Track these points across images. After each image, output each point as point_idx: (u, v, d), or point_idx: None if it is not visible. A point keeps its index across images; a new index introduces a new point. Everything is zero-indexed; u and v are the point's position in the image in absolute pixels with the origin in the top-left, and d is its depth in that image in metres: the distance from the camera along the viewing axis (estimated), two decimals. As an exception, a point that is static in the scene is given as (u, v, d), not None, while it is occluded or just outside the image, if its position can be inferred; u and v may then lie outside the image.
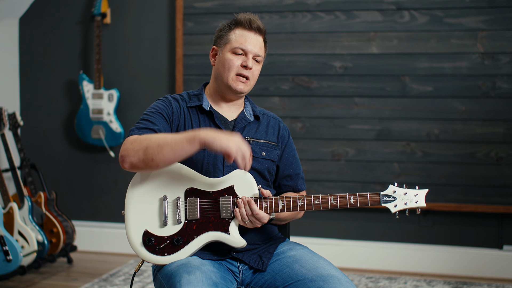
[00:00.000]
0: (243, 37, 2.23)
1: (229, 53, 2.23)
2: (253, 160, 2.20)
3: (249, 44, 2.22)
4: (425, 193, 2.10)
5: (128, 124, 4.39)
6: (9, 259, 3.56)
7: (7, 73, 4.55)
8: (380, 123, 4.04)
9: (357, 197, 2.08)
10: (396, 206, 2.09)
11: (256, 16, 2.28)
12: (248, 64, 2.21)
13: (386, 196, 2.09)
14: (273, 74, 4.16)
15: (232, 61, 2.22)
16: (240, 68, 2.22)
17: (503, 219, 3.96)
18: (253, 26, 2.23)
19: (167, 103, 2.24)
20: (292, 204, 2.10)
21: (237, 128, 2.25)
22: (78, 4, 4.49)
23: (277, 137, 2.33)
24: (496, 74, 3.88)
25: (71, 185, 4.58)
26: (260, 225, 2.11)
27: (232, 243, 2.11)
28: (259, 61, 2.26)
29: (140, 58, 4.42)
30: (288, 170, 2.34)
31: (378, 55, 4.03)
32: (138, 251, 2.16)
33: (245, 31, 2.23)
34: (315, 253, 2.20)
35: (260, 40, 2.25)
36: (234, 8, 4.19)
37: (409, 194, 2.09)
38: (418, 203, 2.10)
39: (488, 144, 3.91)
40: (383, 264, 4.09)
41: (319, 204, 2.09)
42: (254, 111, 2.33)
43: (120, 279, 3.82)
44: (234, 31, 2.25)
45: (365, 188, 4.06)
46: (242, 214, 2.08)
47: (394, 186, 2.10)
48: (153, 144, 2.03)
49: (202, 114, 2.25)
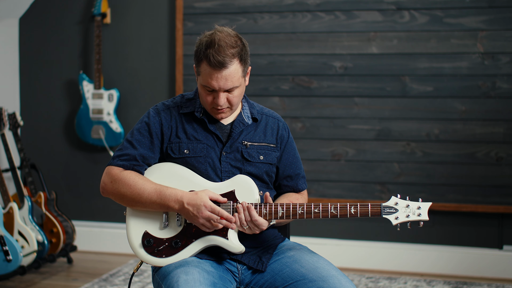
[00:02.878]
0: (208, 75, 2.10)
1: (201, 87, 2.16)
2: (250, 165, 2.20)
3: (215, 82, 2.09)
4: (428, 206, 2.04)
5: (128, 124, 4.39)
6: (9, 259, 3.56)
7: (7, 73, 4.55)
8: (380, 123, 4.04)
9: (357, 207, 2.05)
10: (398, 218, 2.05)
11: (222, 40, 2.08)
12: (218, 102, 2.12)
13: (387, 208, 2.05)
14: (273, 74, 4.16)
15: (205, 97, 2.15)
16: (213, 103, 2.15)
17: (503, 219, 3.96)
18: (216, 65, 2.07)
19: (153, 117, 2.21)
20: (292, 212, 2.08)
21: (234, 133, 2.22)
22: (78, 4, 4.49)
23: (276, 138, 2.29)
24: (496, 74, 3.88)
25: (71, 185, 4.58)
26: (259, 231, 2.09)
27: (230, 248, 2.10)
28: (235, 88, 2.13)
29: (140, 58, 4.42)
30: (288, 171, 2.31)
31: (378, 55, 4.03)
32: (137, 252, 2.16)
33: (209, 68, 2.09)
34: (315, 253, 2.20)
35: (228, 73, 2.09)
36: (234, 8, 4.19)
37: (411, 207, 2.05)
38: (420, 216, 2.05)
39: (488, 144, 3.91)
40: (383, 264, 4.09)
41: (319, 213, 2.07)
42: (252, 112, 2.28)
43: (120, 279, 3.82)
44: (202, 65, 2.11)
45: (365, 188, 4.06)
46: (241, 219, 2.07)
47: (396, 197, 2.06)
48: (128, 197, 2.13)
49: (196, 121, 2.23)
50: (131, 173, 2.16)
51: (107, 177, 2.19)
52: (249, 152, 2.21)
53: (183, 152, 2.19)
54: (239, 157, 2.20)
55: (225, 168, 2.19)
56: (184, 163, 2.19)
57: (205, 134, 2.21)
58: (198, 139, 2.20)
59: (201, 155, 2.18)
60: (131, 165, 2.17)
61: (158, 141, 2.20)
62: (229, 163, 2.20)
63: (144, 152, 2.18)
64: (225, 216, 2.07)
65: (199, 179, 2.16)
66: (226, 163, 2.19)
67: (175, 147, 2.20)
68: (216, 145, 2.20)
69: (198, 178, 2.16)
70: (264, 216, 2.08)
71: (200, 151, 2.18)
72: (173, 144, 2.20)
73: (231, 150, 2.21)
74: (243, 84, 2.18)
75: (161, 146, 2.21)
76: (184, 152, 2.19)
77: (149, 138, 2.20)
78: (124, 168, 2.18)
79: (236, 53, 2.10)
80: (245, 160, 2.20)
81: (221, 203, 2.11)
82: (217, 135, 2.20)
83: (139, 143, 2.19)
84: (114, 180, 2.17)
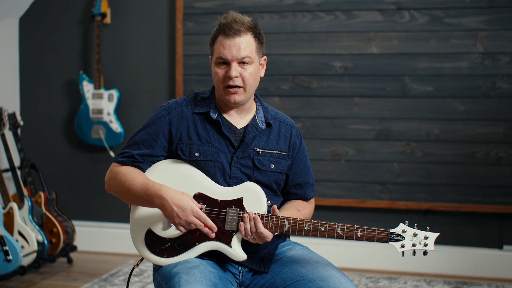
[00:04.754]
0: (221, 45, 2.10)
1: (214, 65, 2.14)
2: (260, 173, 2.17)
3: (227, 50, 2.09)
4: (435, 237, 2.00)
5: (128, 124, 4.39)
6: (9, 259, 3.56)
7: (7, 73, 4.55)
8: (380, 123, 4.04)
9: (364, 230, 2.03)
10: (404, 247, 2.02)
11: (236, 16, 2.13)
12: (230, 73, 2.09)
13: (394, 235, 2.02)
14: (273, 74, 4.16)
15: (217, 74, 2.13)
16: (225, 80, 2.11)
17: (503, 219, 3.96)
18: (229, 33, 2.09)
19: (162, 116, 2.18)
20: (298, 228, 2.05)
21: (247, 138, 2.17)
22: (78, 4, 4.49)
23: (289, 146, 2.24)
24: (496, 74, 3.88)
25: (71, 185, 4.58)
26: (262, 243, 2.06)
27: (232, 256, 2.09)
28: (249, 62, 2.12)
29: (140, 58, 4.42)
30: (298, 179, 2.27)
31: (378, 55, 4.03)
32: (139, 248, 2.16)
33: (223, 39, 2.10)
34: (315, 253, 2.20)
35: (241, 41, 2.09)
36: (234, 8, 4.18)
37: (419, 236, 2.01)
38: (427, 246, 2.01)
39: (488, 144, 3.91)
40: (383, 264, 4.09)
41: (325, 232, 2.04)
42: (266, 117, 2.22)
43: (120, 279, 3.82)
44: (216, 41, 2.13)
45: (365, 188, 4.06)
46: (246, 229, 2.04)
47: (404, 225, 2.03)
48: (121, 192, 2.16)
49: (210, 122, 2.18)
50: (127, 168, 2.15)
51: (108, 174, 2.20)
52: (260, 160, 2.17)
53: (193, 155, 2.15)
54: (250, 164, 2.16)
55: (235, 174, 2.15)
56: (194, 165, 2.16)
57: (218, 137, 2.16)
58: (209, 142, 2.15)
59: (211, 159, 2.14)
60: (130, 162, 2.17)
61: (165, 141, 2.17)
62: (239, 168, 2.16)
63: (145, 151, 2.17)
64: (209, 225, 2.05)
65: (208, 182, 2.13)
66: (236, 168, 2.15)
67: (186, 149, 2.16)
68: (228, 149, 2.16)
69: (207, 180, 2.13)
70: (269, 229, 2.05)
71: (211, 155, 2.14)
72: (183, 145, 2.16)
73: (243, 155, 2.16)
74: (258, 64, 2.16)
75: (169, 145, 2.18)
76: (195, 155, 2.15)
77: (154, 137, 2.17)
78: (122, 164, 2.17)
79: (251, 27, 2.13)
80: (255, 168, 2.16)
81: (232, 207, 2.09)
82: (230, 139, 2.16)
83: (143, 141, 2.17)
84: (111, 177, 2.18)
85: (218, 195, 2.11)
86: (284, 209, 2.21)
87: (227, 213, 2.08)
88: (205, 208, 2.09)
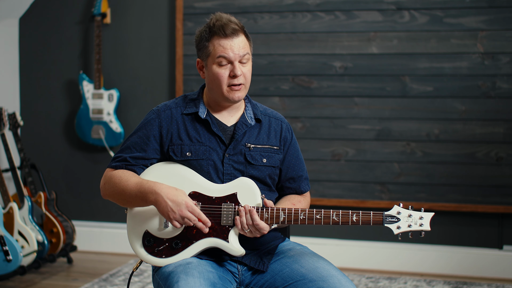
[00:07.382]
0: (221, 46, 2.13)
1: (215, 66, 2.15)
2: (253, 168, 2.19)
3: (230, 50, 2.13)
4: (430, 217, 2.01)
5: (128, 124, 4.39)
6: (9, 259, 3.56)
7: (7, 73, 4.55)
8: (380, 123, 4.04)
9: (359, 215, 2.04)
10: (399, 228, 2.02)
11: (228, 16, 2.18)
12: (236, 72, 2.13)
13: (389, 217, 2.03)
14: (273, 74, 4.16)
15: (220, 74, 2.15)
16: (230, 79, 2.15)
17: (503, 219, 3.96)
18: (227, 32, 2.13)
19: (152, 120, 2.21)
20: (293, 217, 2.07)
21: (237, 134, 2.20)
22: (78, 4, 4.49)
23: (280, 140, 2.27)
24: (496, 74, 3.88)
25: (71, 185, 4.58)
26: (260, 235, 2.09)
27: (230, 251, 2.10)
28: (247, 60, 2.17)
29: (140, 58, 4.42)
30: (291, 173, 2.29)
31: (378, 55, 4.03)
32: (137, 251, 2.17)
33: (222, 40, 2.14)
34: (315, 253, 2.20)
35: (239, 41, 2.15)
36: (234, 8, 4.19)
37: (414, 217, 2.02)
38: (422, 226, 2.01)
39: (488, 144, 3.91)
40: (383, 264, 4.09)
41: (321, 219, 2.06)
42: (255, 113, 2.26)
43: (120, 279, 3.82)
44: (212, 42, 2.15)
45: (365, 188, 4.06)
46: (242, 223, 2.06)
47: (399, 206, 2.03)
48: (116, 195, 2.17)
49: (199, 122, 2.21)
50: (121, 171, 2.18)
51: (102, 179, 2.23)
52: (252, 155, 2.19)
53: (185, 155, 2.17)
54: (242, 159, 2.18)
55: (227, 171, 2.17)
56: (187, 165, 2.18)
57: (208, 135, 2.19)
58: (200, 141, 2.18)
59: (203, 157, 2.17)
60: (124, 165, 2.19)
61: (156, 144, 2.20)
62: (232, 165, 2.18)
63: (137, 154, 2.19)
64: (203, 219, 2.06)
65: (201, 180, 2.15)
66: (228, 165, 2.17)
67: (177, 149, 2.18)
68: (219, 147, 2.18)
69: (200, 178, 2.15)
70: (265, 220, 2.07)
71: (202, 154, 2.17)
72: (175, 146, 2.19)
73: (234, 152, 2.19)
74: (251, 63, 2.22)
75: (161, 148, 2.21)
76: (187, 154, 2.17)
77: (145, 140, 2.19)
78: (116, 168, 2.20)
79: (242, 27, 2.18)
80: (248, 163, 2.19)
81: (226, 203, 2.10)
82: (220, 137, 2.19)
83: (135, 145, 2.20)
84: (106, 181, 2.20)
85: (212, 192, 2.12)
86: (279, 204, 2.23)
87: (222, 209, 2.10)
88: (200, 206, 2.11)
